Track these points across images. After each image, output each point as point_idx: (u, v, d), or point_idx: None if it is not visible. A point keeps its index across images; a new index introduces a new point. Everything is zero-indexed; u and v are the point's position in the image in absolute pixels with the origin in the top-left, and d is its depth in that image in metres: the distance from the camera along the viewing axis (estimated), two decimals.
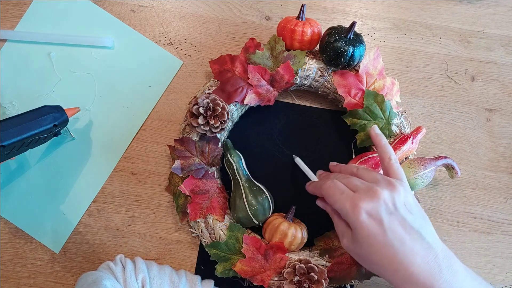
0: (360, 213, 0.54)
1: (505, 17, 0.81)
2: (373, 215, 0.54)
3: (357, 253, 0.58)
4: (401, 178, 0.59)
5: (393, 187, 0.56)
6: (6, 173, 0.76)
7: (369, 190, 0.56)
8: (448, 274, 0.54)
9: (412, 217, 0.55)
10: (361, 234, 0.55)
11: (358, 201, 0.55)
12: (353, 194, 0.56)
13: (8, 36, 0.78)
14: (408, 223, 0.55)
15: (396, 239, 0.54)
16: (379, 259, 0.55)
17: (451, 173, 0.70)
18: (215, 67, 0.72)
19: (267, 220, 0.70)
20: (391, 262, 0.54)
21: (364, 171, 0.61)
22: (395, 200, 0.55)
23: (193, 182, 0.69)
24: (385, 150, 0.62)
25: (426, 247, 0.54)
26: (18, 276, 0.75)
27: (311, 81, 0.72)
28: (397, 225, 0.54)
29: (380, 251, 0.54)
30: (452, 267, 0.55)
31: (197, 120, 0.65)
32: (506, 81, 0.79)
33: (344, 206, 0.56)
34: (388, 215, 0.54)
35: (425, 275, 0.53)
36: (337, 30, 0.67)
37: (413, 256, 0.53)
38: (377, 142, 0.64)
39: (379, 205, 0.54)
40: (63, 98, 0.78)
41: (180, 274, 0.69)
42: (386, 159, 0.61)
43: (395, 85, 0.72)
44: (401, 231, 0.54)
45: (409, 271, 0.53)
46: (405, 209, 0.56)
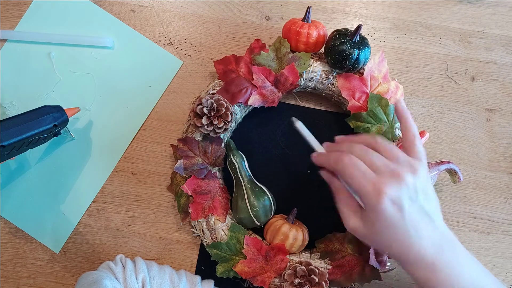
0: (384, 199, 0.52)
1: (505, 17, 0.81)
2: (395, 201, 0.52)
3: (367, 237, 0.56)
4: (421, 159, 0.57)
5: (415, 170, 0.54)
6: (6, 173, 0.75)
7: (393, 173, 0.54)
8: (450, 254, 0.55)
9: (428, 204, 0.55)
10: (378, 219, 0.53)
11: (382, 185, 0.52)
12: (376, 177, 0.54)
13: (8, 36, 0.77)
14: (423, 210, 0.54)
15: (412, 225, 0.53)
16: (391, 242, 0.55)
17: (454, 178, 0.70)
18: (220, 67, 0.72)
19: (268, 222, 0.70)
20: (401, 245, 0.54)
21: (385, 146, 0.58)
22: (416, 185, 0.54)
23: (196, 182, 0.69)
24: (411, 127, 0.59)
25: (434, 229, 0.54)
26: (18, 276, 0.75)
27: (316, 83, 0.72)
28: (415, 212, 0.53)
29: (394, 234, 0.54)
30: (454, 248, 0.55)
31: (201, 120, 0.65)
32: (506, 81, 0.79)
33: (366, 189, 0.53)
34: (409, 202, 0.53)
35: (429, 255, 0.54)
36: (343, 33, 0.67)
37: (423, 240, 0.54)
38: (403, 116, 0.61)
39: (402, 192, 0.53)
40: (63, 98, 0.77)
41: (180, 274, 0.69)
42: (410, 136, 0.59)
43: (399, 89, 0.72)
44: (418, 219, 0.53)
45: (419, 252, 0.54)
46: (423, 196, 0.54)
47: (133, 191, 0.76)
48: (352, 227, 0.57)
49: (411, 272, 0.55)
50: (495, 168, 0.77)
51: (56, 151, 0.76)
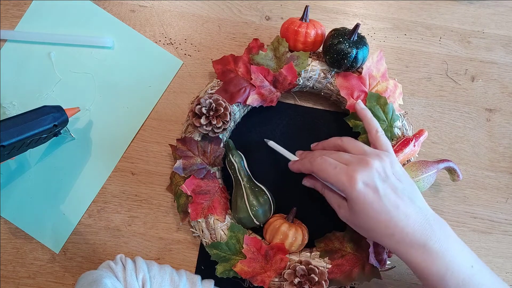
0: (357, 183, 0.56)
1: (505, 17, 0.81)
2: (368, 184, 0.56)
3: (354, 223, 0.60)
4: (388, 150, 0.62)
5: (381, 158, 0.59)
6: (6, 173, 0.75)
7: (361, 160, 0.58)
8: (441, 235, 0.57)
9: (402, 184, 0.59)
10: (358, 204, 0.57)
11: (353, 172, 0.57)
12: (346, 167, 0.58)
13: (8, 36, 0.78)
14: (399, 190, 0.58)
15: (391, 205, 0.56)
16: (377, 225, 0.57)
17: (453, 177, 0.70)
18: (218, 67, 0.72)
19: (268, 221, 0.70)
20: (387, 226, 0.56)
21: (350, 142, 0.64)
22: (385, 168, 0.58)
23: (195, 182, 0.69)
24: (371, 123, 0.65)
25: (417, 210, 0.58)
26: (18, 276, 0.75)
27: (314, 83, 0.72)
28: (390, 192, 0.57)
29: (377, 217, 0.57)
30: (444, 230, 0.58)
31: (200, 120, 0.65)
32: (506, 81, 0.79)
33: (340, 179, 0.57)
34: (382, 183, 0.57)
35: (418, 235, 0.56)
36: (341, 32, 0.67)
37: (407, 219, 0.56)
38: (363, 116, 0.67)
39: (373, 174, 0.57)
40: (63, 98, 0.77)
41: (181, 274, 0.69)
42: (373, 131, 0.64)
43: (397, 87, 0.72)
44: (395, 197, 0.57)
45: (404, 232, 0.56)
46: (394, 177, 0.59)
47: (133, 191, 0.76)
48: (343, 215, 0.61)
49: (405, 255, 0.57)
50: (495, 168, 0.77)
51: (56, 151, 0.76)
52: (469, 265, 0.57)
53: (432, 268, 0.56)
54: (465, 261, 0.57)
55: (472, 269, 0.57)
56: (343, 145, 0.64)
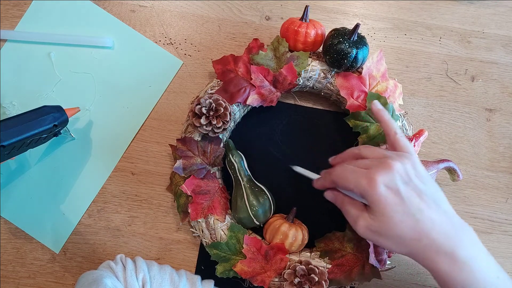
0: (378, 185, 0.53)
1: (505, 17, 0.81)
2: (390, 186, 0.54)
3: (377, 231, 0.56)
4: (409, 151, 0.59)
5: (402, 159, 0.56)
6: (6, 173, 0.76)
7: (382, 163, 0.56)
8: (468, 242, 0.55)
9: (425, 187, 0.56)
10: (380, 207, 0.54)
11: (373, 175, 0.54)
12: (366, 170, 0.56)
13: (8, 36, 0.78)
14: (423, 193, 0.55)
15: (414, 208, 0.54)
16: (401, 230, 0.54)
17: (453, 177, 0.70)
18: (218, 67, 0.72)
19: (268, 221, 0.70)
20: (413, 231, 0.54)
21: (368, 150, 0.61)
22: (407, 170, 0.55)
23: (195, 182, 0.69)
24: (390, 124, 0.62)
25: (443, 215, 0.55)
26: (18, 276, 0.75)
27: (314, 83, 0.72)
28: (413, 194, 0.54)
29: (401, 221, 0.54)
30: (471, 237, 0.55)
31: (200, 120, 0.65)
32: (506, 81, 0.79)
33: (360, 183, 0.55)
34: (404, 185, 0.54)
35: (446, 241, 0.54)
36: (341, 32, 0.67)
37: (432, 224, 0.54)
38: (380, 118, 0.63)
39: (394, 176, 0.54)
40: (63, 98, 0.77)
41: (181, 274, 0.69)
42: (392, 133, 0.61)
43: (397, 87, 0.72)
44: (418, 200, 0.54)
45: (431, 238, 0.54)
46: (418, 179, 0.56)
47: (133, 191, 0.76)
48: (363, 226, 0.57)
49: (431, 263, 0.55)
50: (495, 168, 0.77)
51: (56, 151, 0.76)
52: (495, 276, 0.54)
53: (457, 277, 0.53)
54: (491, 271, 0.55)
55: (498, 280, 0.54)
56: (361, 153, 0.61)
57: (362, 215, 0.57)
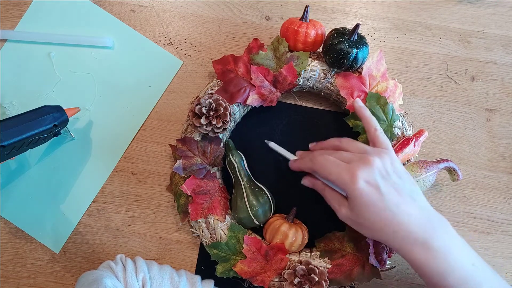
0: (359, 181, 0.56)
1: (505, 17, 0.81)
2: (370, 182, 0.57)
3: (356, 221, 0.60)
4: (387, 147, 0.62)
5: (381, 156, 0.59)
6: (6, 173, 0.75)
7: (362, 158, 0.59)
8: (442, 232, 0.57)
9: (402, 182, 0.59)
10: (360, 202, 0.57)
11: (354, 170, 0.57)
12: (348, 165, 0.58)
13: (8, 36, 0.78)
14: (400, 188, 0.58)
15: (392, 202, 0.57)
16: (379, 224, 0.57)
17: (453, 177, 0.70)
18: (218, 67, 0.72)
19: (268, 221, 0.70)
20: (390, 224, 0.57)
21: (349, 142, 0.64)
22: (386, 166, 0.59)
23: (195, 182, 0.69)
24: (370, 121, 0.65)
25: (419, 208, 0.58)
26: (18, 276, 0.75)
27: (314, 83, 0.72)
28: (391, 190, 0.57)
29: (380, 215, 0.57)
30: (445, 228, 0.58)
31: (200, 120, 0.65)
32: (506, 81, 0.79)
33: (341, 177, 0.58)
34: (383, 181, 0.57)
35: (420, 233, 0.56)
36: (341, 32, 0.67)
37: (409, 217, 0.57)
38: (361, 114, 0.67)
39: (374, 172, 0.57)
40: (63, 98, 0.77)
41: (181, 274, 0.69)
42: (372, 130, 0.64)
43: (397, 87, 0.72)
44: (396, 195, 0.57)
45: (407, 230, 0.56)
46: (395, 175, 0.59)
47: (133, 191, 0.76)
48: (344, 215, 0.61)
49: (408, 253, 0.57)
50: (495, 168, 0.77)
51: (56, 151, 0.76)
52: (470, 263, 0.57)
53: (433, 266, 0.56)
54: (466, 259, 0.57)
55: (473, 267, 0.57)
56: (342, 146, 0.64)
57: (343, 204, 0.61)
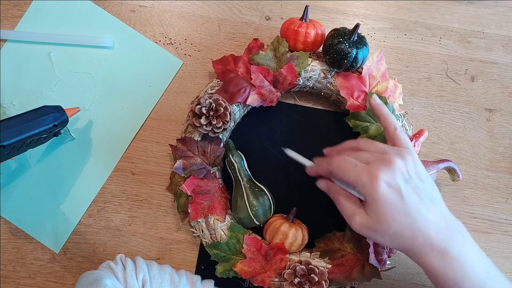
0: (380, 183, 0.53)
1: (505, 17, 0.81)
2: (391, 184, 0.54)
3: (374, 228, 0.56)
4: (408, 147, 0.59)
5: (403, 156, 0.56)
6: (6, 173, 0.75)
7: (383, 159, 0.55)
8: (460, 240, 0.55)
9: (424, 185, 0.56)
10: (380, 205, 0.54)
11: (375, 171, 0.53)
12: (368, 166, 0.55)
13: (8, 36, 0.77)
14: (421, 192, 0.55)
15: (413, 207, 0.54)
16: (399, 228, 0.54)
17: (453, 177, 0.70)
18: (218, 67, 0.72)
19: (268, 221, 0.70)
20: (410, 229, 0.54)
21: (367, 143, 0.60)
22: (408, 168, 0.55)
23: (195, 182, 0.69)
24: (389, 120, 0.61)
25: (438, 213, 0.55)
26: (18, 276, 0.75)
27: (314, 83, 0.72)
28: (412, 193, 0.54)
29: (400, 220, 0.54)
30: (463, 235, 0.56)
31: (200, 120, 0.65)
32: (506, 81, 0.79)
33: (361, 178, 0.54)
34: (404, 183, 0.54)
35: (440, 240, 0.54)
36: (341, 32, 0.67)
37: (429, 223, 0.54)
38: (379, 112, 0.63)
39: (396, 173, 0.54)
40: (63, 98, 0.77)
41: (181, 274, 0.69)
42: (391, 129, 0.61)
43: (397, 87, 0.72)
44: (417, 200, 0.54)
45: (426, 236, 0.54)
46: (417, 177, 0.56)
47: (133, 191, 0.76)
48: (359, 223, 0.56)
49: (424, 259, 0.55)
50: (495, 168, 0.77)
51: (56, 151, 0.76)
52: (485, 271, 0.55)
53: (449, 273, 0.54)
54: (481, 266, 0.55)
55: (488, 275, 0.55)
56: (360, 146, 0.60)
57: (358, 212, 0.57)
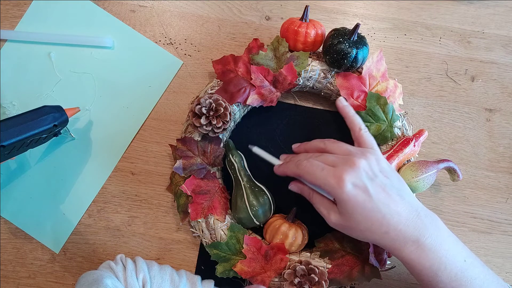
0: (346, 185, 0.56)
1: (505, 17, 0.81)
2: (357, 184, 0.56)
3: (347, 226, 0.59)
4: (372, 147, 0.63)
5: (366, 156, 0.59)
6: (6, 173, 0.75)
7: (347, 161, 0.58)
8: (433, 229, 0.57)
9: (389, 181, 0.59)
10: (349, 205, 0.57)
11: (340, 173, 0.56)
12: (334, 169, 0.58)
13: (8, 36, 0.77)
14: (388, 187, 0.58)
15: (381, 203, 0.57)
16: (370, 225, 0.57)
17: (453, 177, 0.70)
18: (218, 67, 0.72)
19: (268, 221, 0.70)
20: (380, 225, 0.57)
21: (333, 145, 0.63)
22: (372, 167, 0.59)
23: (195, 182, 0.69)
24: (354, 120, 0.65)
25: (408, 206, 0.58)
26: (18, 276, 0.75)
27: (314, 83, 0.72)
28: (379, 190, 0.57)
29: (370, 217, 0.57)
30: (436, 225, 0.58)
31: (200, 120, 0.65)
32: (506, 81, 0.79)
33: (328, 181, 0.57)
34: (370, 182, 0.57)
35: (411, 231, 0.57)
36: (341, 32, 0.67)
37: (399, 216, 0.57)
38: (345, 114, 0.67)
39: (360, 173, 0.57)
40: (63, 98, 0.77)
41: (181, 274, 0.69)
42: (357, 129, 0.64)
43: (397, 87, 0.72)
44: (384, 195, 0.57)
45: (397, 229, 0.57)
46: (382, 174, 0.59)
47: (133, 191, 0.76)
48: (334, 222, 0.60)
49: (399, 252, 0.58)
50: (495, 168, 0.77)
51: (56, 151, 0.76)
52: (462, 259, 0.57)
53: (425, 264, 0.56)
54: (458, 255, 0.57)
55: (465, 263, 0.57)
56: (326, 148, 0.64)
57: (332, 212, 0.60)
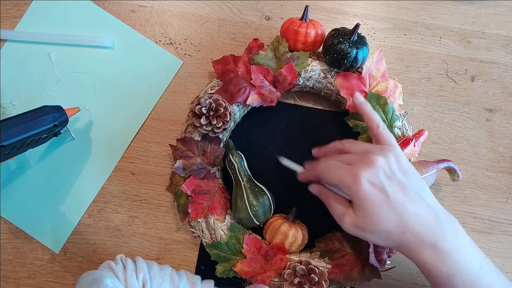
0: (362, 182, 0.54)
1: (505, 17, 0.81)
2: (374, 182, 0.55)
3: (363, 227, 0.57)
4: (392, 144, 0.60)
5: (385, 153, 0.57)
6: (6, 173, 0.75)
7: (364, 158, 0.56)
8: (451, 233, 0.55)
9: (408, 180, 0.57)
10: (365, 204, 0.55)
11: (356, 171, 0.55)
12: (350, 167, 0.56)
13: (8, 36, 0.77)
14: (406, 187, 0.56)
15: (399, 203, 0.55)
16: (387, 225, 0.55)
17: (453, 177, 0.70)
18: (218, 67, 0.72)
19: (268, 221, 0.70)
20: (397, 225, 0.55)
21: (351, 144, 0.62)
22: (390, 164, 0.56)
23: (195, 182, 0.69)
24: (372, 117, 0.63)
25: (427, 208, 0.56)
26: (18, 276, 0.75)
27: (314, 83, 0.72)
28: (397, 189, 0.55)
29: (387, 217, 0.55)
30: (454, 229, 0.56)
31: (200, 120, 0.65)
32: (506, 81, 0.79)
33: (344, 179, 0.56)
34: (387, 180, 0.55)
35: (429, 234, 0.55)
36: (341, 32, 0.67)
37: (416, 218, 0.55)
38: (362, 111, 0.65)
39: (378, 171, 0.55)
40: (63, 98, 0.77)
41: (181, 274, 0.69)
42: (375, 127, 0.62)
43: (397, 87, 0.72)
44: (402, 195, 0.55)
45: (415, 231, 0.54)
46: (400, 173, 0.57)
47: (133, 191, 0.76)
48: (349, 223, 0.58)
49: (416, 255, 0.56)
50: (495, 168, 0.77)
51: (56, 151, 0.76)
52: (479, 266, 0.55)
53: (441, 269, 0.54)
54: (474, 261, 0.56)
55: (481, 269, 0.55)
56: (344, 148, 0.62)
57: (347, 212, 0.58)
